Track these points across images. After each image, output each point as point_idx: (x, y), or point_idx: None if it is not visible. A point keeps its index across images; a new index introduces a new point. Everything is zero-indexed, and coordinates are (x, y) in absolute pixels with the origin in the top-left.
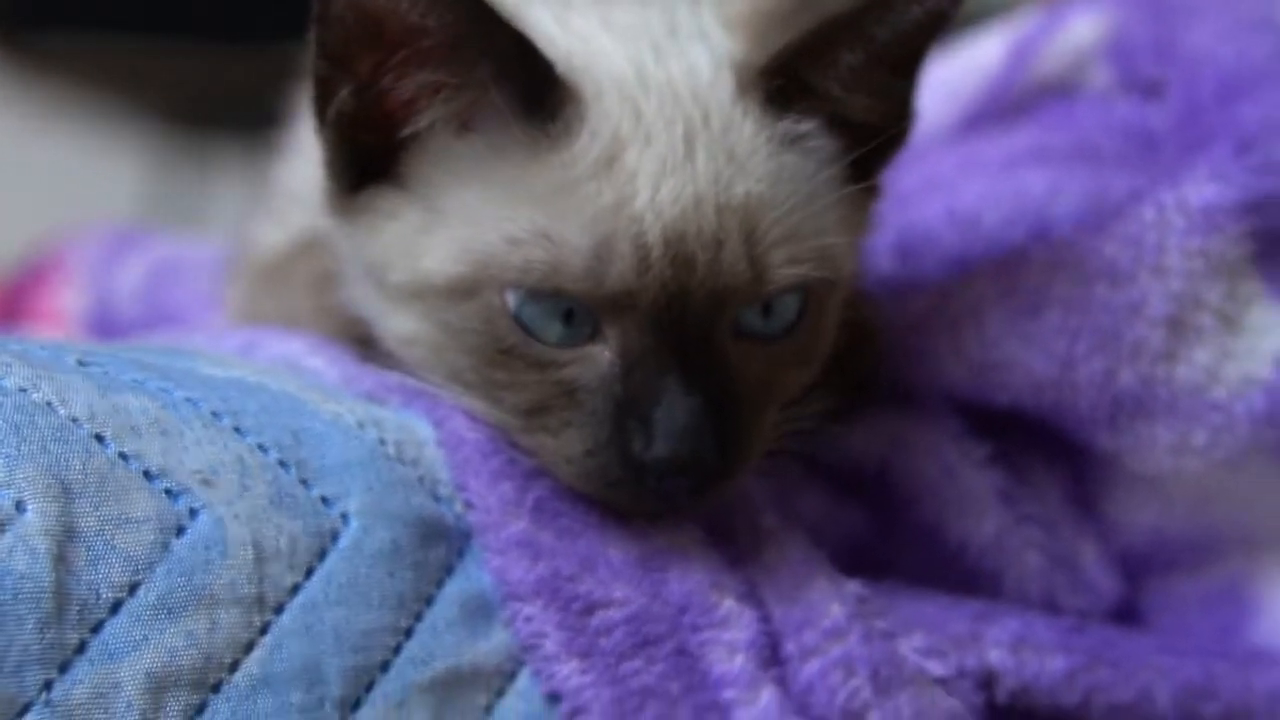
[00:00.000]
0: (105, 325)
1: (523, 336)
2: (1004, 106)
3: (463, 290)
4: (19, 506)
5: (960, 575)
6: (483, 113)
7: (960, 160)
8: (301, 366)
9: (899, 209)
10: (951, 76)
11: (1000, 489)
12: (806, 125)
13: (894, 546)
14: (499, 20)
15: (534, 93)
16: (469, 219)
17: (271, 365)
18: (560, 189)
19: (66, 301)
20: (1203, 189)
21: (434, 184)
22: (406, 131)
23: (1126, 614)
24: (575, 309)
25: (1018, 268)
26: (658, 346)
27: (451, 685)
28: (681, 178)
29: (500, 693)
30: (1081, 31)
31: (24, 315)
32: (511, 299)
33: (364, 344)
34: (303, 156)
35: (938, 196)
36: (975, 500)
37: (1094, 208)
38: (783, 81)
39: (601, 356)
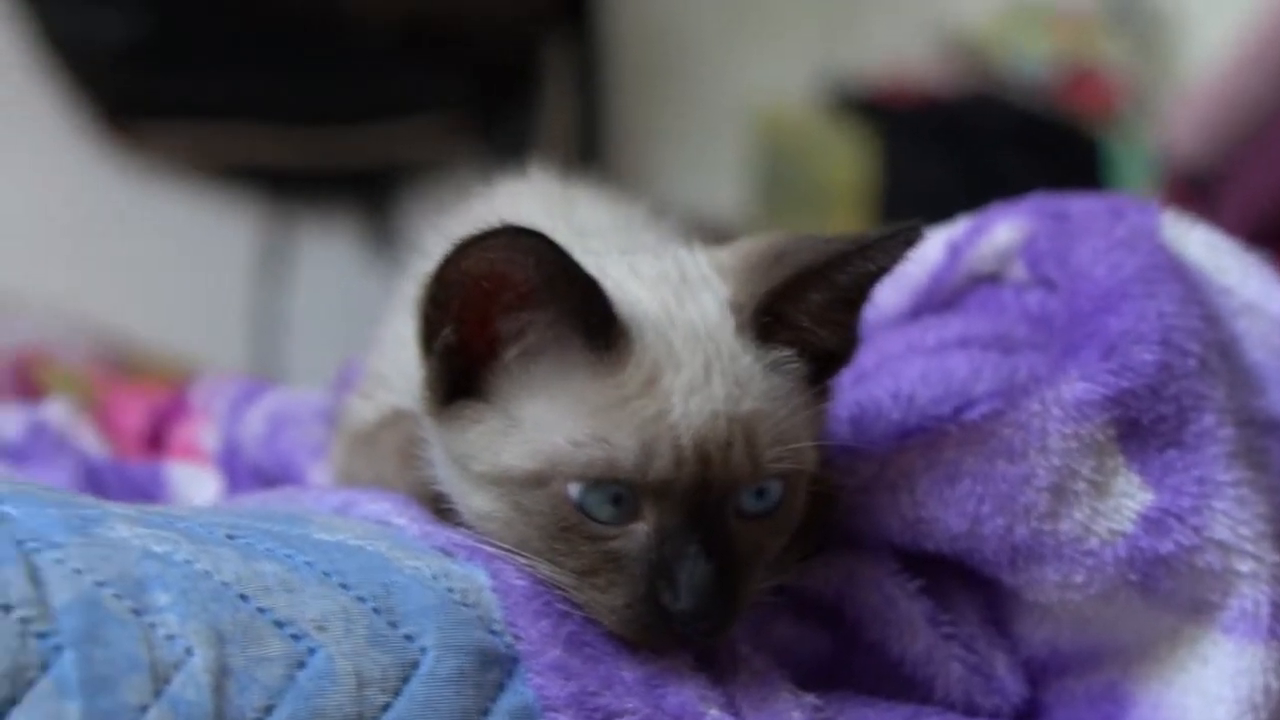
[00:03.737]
0: (233, 465)
1: (580, 517)
2: (941, 295)
3: (534, 481)
4: (189, 652)
5: (902, 683)
6: (552, 342)
7: (904, 344)
8: (389, 524)
9: (857, 385)
10: (903, 269)
11: (928, 613)
12: (785, 353)
13: (852, 661)
14: (581, 272)
15: (597, 327)
16: (540, 426)
17: (367, 524)
18: (614, 403)
19: (203, 439)
20: (1074, 386)
21: (511, 397)
22: (494, 360)
23: (1033, 710)
24: (623, 495)
25: (940, 444)
26: (683, 523)
27: None
28: (704, 396)
29: None
30: (1003, 234)
31: (169, 446)
32: (573, 489)
33: (436, 503)
34: (387, 347)
35: (885, 376)
36: (909, 623)
37: (1004, 388)
38: (769, 319)
39: (641, 532)
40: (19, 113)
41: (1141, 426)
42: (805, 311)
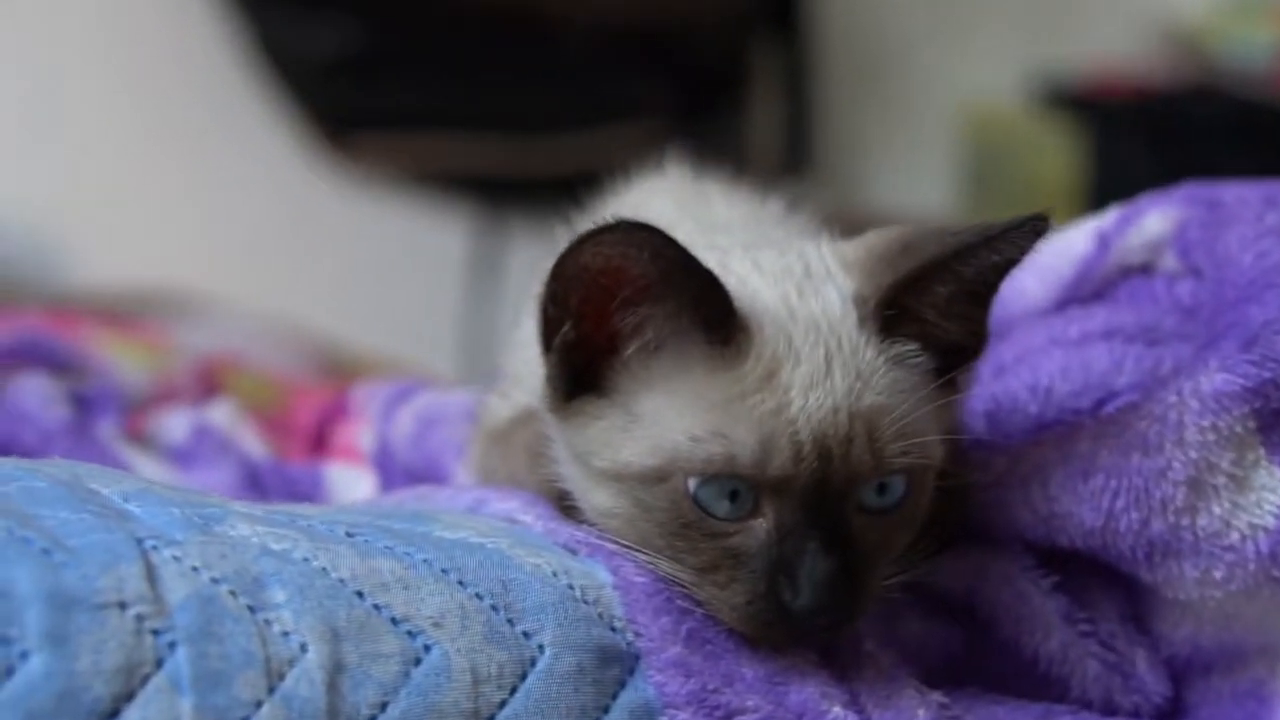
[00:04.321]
0: (386, 464)
1: (699, 513)
2: (1090, 287)
3: (654, 477)
4: (303, 648)
5: (1036, 681)
6: (671, 338)
7: (1046, 337)
8: (516, 520)
9: (995, 379)
10: (1048, 260)
11: (1064, 610)
12: (910, 346)
13: (983, 659)
14: (699, 267)
15: (716, 322)
16: (660, 421)
17: (493, 521)
18: (732, 398)
19: (361, 440)
20: (1213, 378)
21: (631, 393)
22: (615, 356)
23: (1176, 709)
24: (740, 491)
25: (1074, 438)
26: (804, 519)
27: None
28: (823, 391)
29: None
30: (1154, 223)
31: (331, 449)
32: (692, 484)
33: (562, 499)
34: (521, 348)
35: (1024, 369)
36: (1043, 621)
37: (1147, 381)
38: (893, 312)
39: (760, 528)
40: (236, 125)
41: None
42: (930, 304)
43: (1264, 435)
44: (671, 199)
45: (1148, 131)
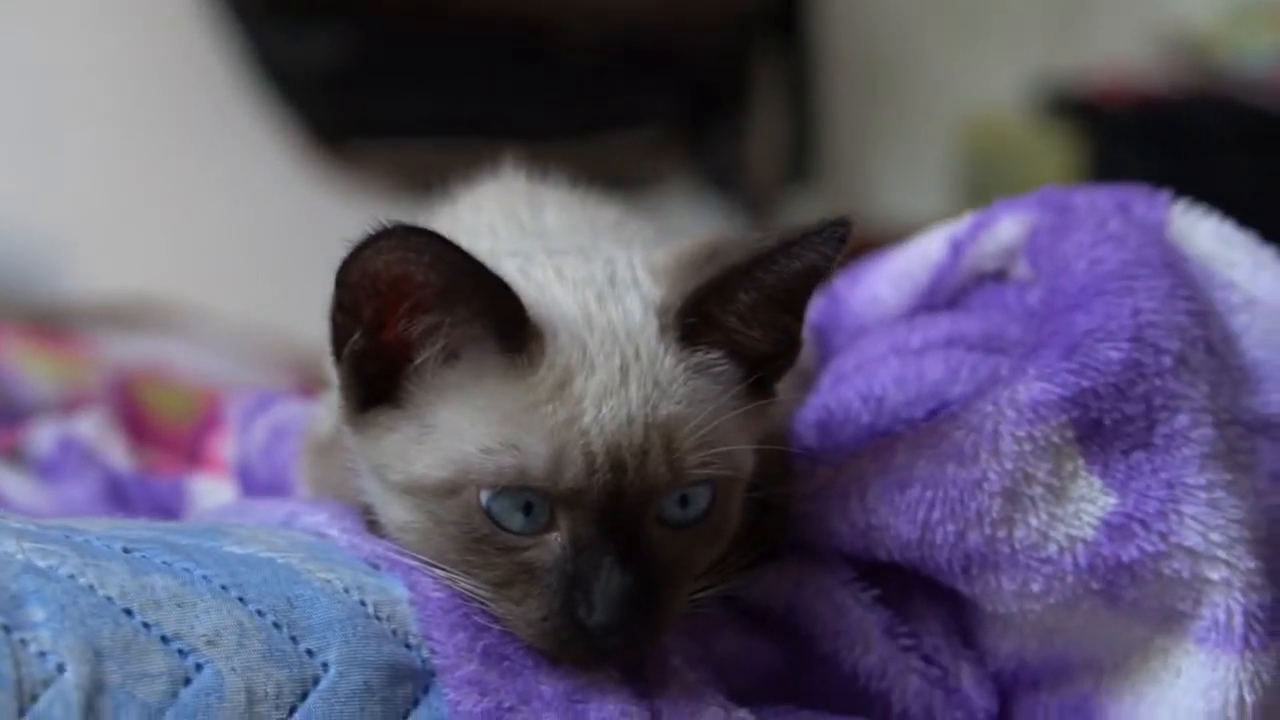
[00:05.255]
0: (246, 477)
1: (492, 527)
2: (944, 294)
3: (446, 490)
4: (60, 668)
5: (856, 696)
6: (465, 346)
7: (888, 345)
8: (324, 534)
9: (832, 388)
10: (902, 267)
11: (884, 624)
12: (713, 355)
13: (803, 675)
14: (485, 273)
15: (508, 330)
16: (452, 432)
17: (297, 535)
18: (525, 408)
19: (227, 452)
20: (1030, 386)
21: (425, 404)
22: (407, 365)
23: None
24: (534, 503)
25: (892, 449)
26: (599, 533)
27: None
28: (618, 400)
29: None
30: (1006, 229)
31: (202, 461)
32: (484, 496)
33: (366, 513)
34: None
35: (859, 378)
36: (863, 634)
37: (982, 389)
38: (694, 319)
39: (555, 542)
40: (233, 134)
41: (1104, 428)
42: (733, 312)
43: (1083, 445)
44: (499, 205)
45: (1151, 139)
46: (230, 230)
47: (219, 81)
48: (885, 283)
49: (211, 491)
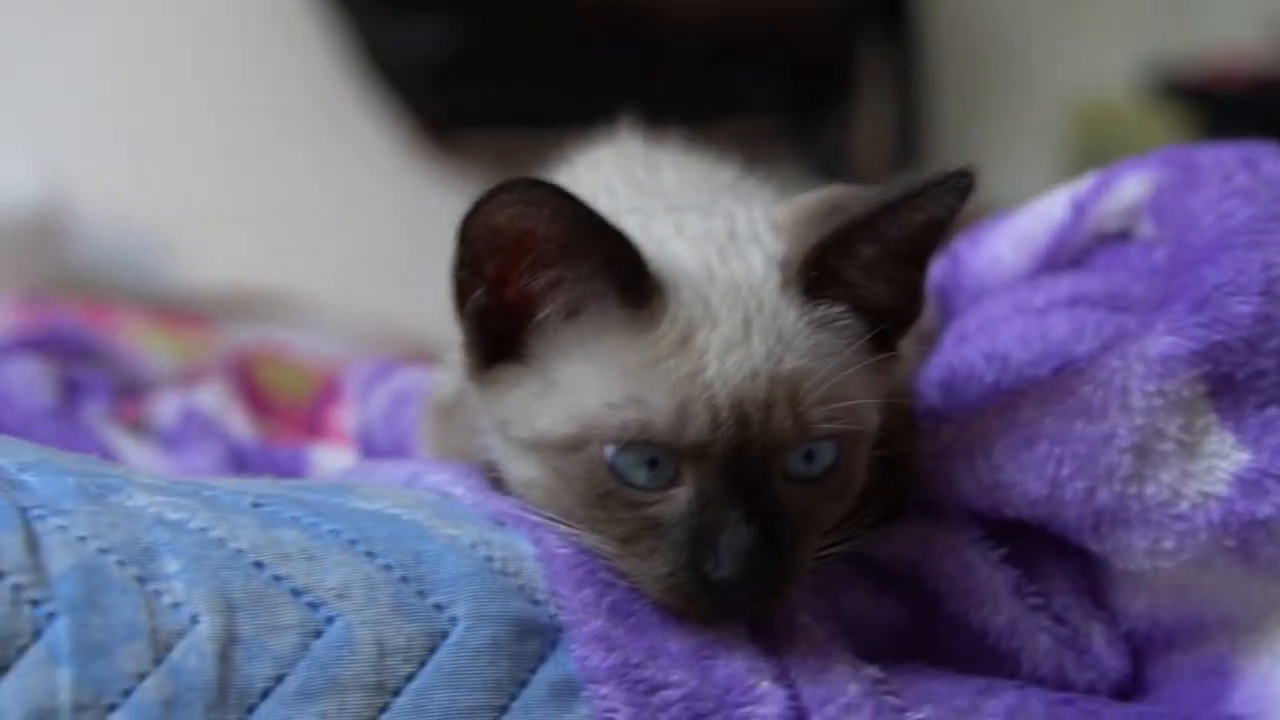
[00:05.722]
0: (368, 443)
1: (617, 482)
2: (1067, 255)
3: (570, 445)
4: (194, 619)
5: (986, 656)
6: (587, 302)
7: (1010, 305)
8: (448, 493)
9: (956, 347)
10: (1024, 229)
11: (1013, 583)
12: (836, 309)
13: (931, 633)
14: (606, 226)
15: (630, 285)
16: (576, 388)
17: (421, 493)
18: (648, 363)
19: (347, 422)
20: (1159, 341)
21: (548, 359)
22: (530, 321)
23: (1137, 687)
24: (659, 459)
25: (1018, 405)
26: (724, 488)
27: None
28: (741, 354)
29: None
30: (1130, 188)
31: (321, 432)
32: (608, 451)
33: (491, 470)
34: None
35: (983, 337)
36: (991, 593)
37: (1109, 346)
38: (816, 273)
39: (680, 497)
40: (343, 126)
41: (1236, 382)
42: (855, 265)
43: (1216, 400)
44: (616, 165)
45: (1263, 121)
46: (338, 221)
47: (327, 74)
48: (1006, 244)
49: (333, 460)
